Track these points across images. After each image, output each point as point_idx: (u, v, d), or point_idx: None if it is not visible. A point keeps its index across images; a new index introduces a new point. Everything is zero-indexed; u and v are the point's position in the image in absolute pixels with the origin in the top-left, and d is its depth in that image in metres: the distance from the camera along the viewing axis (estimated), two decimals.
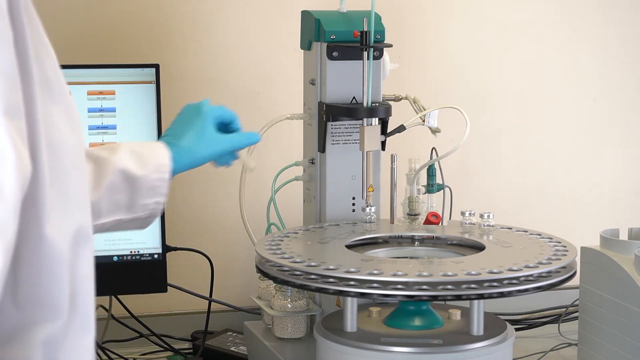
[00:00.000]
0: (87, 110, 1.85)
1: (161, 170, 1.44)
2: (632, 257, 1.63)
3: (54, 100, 0.99)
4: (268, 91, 2.17)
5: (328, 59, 1.76)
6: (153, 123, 1.88)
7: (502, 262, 1.50)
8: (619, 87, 2.39)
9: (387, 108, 1.75)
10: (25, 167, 0.89)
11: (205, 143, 1.49)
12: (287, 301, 1.72)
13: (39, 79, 0.96)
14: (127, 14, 2.08)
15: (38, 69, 0.97)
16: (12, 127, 0.88)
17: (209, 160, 1.50)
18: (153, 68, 1.87)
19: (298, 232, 1.71)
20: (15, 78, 0.90)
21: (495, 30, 2.30)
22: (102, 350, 1.98)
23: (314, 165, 1.81)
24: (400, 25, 2.20)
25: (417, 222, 1.80)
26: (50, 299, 0.98)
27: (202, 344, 1.97)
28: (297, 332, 1.75)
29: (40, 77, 0.97)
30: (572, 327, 1.98)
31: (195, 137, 1.50)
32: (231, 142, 1.50)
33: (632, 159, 2.41)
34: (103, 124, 1.86)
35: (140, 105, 1.87)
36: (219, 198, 2.15)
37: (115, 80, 1.86)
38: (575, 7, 2.34)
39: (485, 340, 1.50)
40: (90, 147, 1.48)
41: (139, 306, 2.04)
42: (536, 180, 2.36)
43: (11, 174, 0.86)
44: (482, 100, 2.30)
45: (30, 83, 0.95)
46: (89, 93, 1.85)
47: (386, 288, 1.41)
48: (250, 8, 2.15)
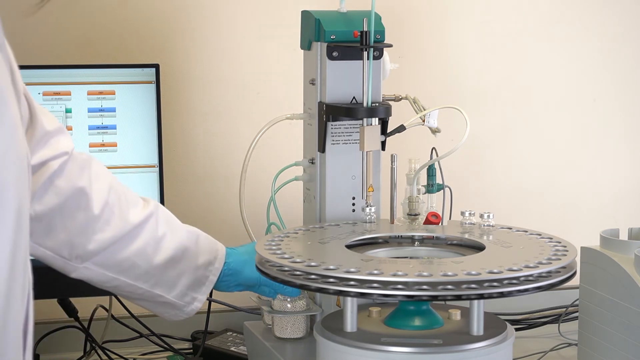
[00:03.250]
0: (87, 110, 1.85)
1: (211, 270, 1.58)
2: (632, 257, 1.63)
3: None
4: (268, 91, 2.17)
5: (328, 59, 1.76)
6: (153, 123, 1.88)
7: (502, 262, 1.50)
8: (619, 87, 2.39)
9: (387, 108, 1.75)
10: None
11: (255, 266, 1.57)
12: (287, 301, 1.72)
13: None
14: (127, 14, 2.08)
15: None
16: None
17: (251, 282, 1.64)
18: (153, 68, 1.87)
19: (298, 232, 1.71)
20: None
21: (495, 30, 2.30)
22: (102, 350, 1.98)
23: (314, 165, 1.81)
24: (400, 25, 2.20)
25: (417, 222, 1.80)
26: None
27: (202, 344, 1.97)
28: (297, 332, 1.74)
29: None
30: (572, 327, 1.98)
31: (246, 258, 1.62)
32: (273, 284, 1.64)
33: (632, 159, 2.41)
34: (103, 124, 1.86)
35: (140, 105, 1.87)
36: (219, 198, 2.15)
37: (115, 80, 1.86)
38: (575, 7, 2.34)
39: (485, 340, 1.50)
40: (167, 210, 1.56)
41: (139, 306, 2.04)
42: (536, 180, 2.36)
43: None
44: (482, 100, 2.30)
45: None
46: (89, 93, 1.85)
47: (386, 288, 1.41)
48: (250, 8, 2.15)
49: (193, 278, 1.56)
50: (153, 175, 1.89)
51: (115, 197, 1.48)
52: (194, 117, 2.15)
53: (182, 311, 1.58)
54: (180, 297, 1.56)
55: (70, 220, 1.44)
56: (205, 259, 1.58)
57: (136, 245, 1.49)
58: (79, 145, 1.85)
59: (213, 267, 1.58)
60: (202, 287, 1.58)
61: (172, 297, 1.55)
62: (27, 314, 1.05)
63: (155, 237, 1.51)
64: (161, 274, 1.53)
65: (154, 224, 1.52)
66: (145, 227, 1.50)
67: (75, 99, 1.84)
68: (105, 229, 1.46)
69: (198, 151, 2.15)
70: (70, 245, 1.45)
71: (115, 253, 1.48)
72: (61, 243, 1.45)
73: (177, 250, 1.54)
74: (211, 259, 1.58)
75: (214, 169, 2.17)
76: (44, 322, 2.02)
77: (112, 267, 1.49)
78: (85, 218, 1.45)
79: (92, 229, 1.46)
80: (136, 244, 1.49)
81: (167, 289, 1.55)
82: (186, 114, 2.14)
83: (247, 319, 1.99)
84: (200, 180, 2.16)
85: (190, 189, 2.15)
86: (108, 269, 1.49)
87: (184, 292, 1.56)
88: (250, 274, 1.62)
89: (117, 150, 1.87)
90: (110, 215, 1.47)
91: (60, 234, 1.44)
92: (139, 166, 1.88)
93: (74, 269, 1.48)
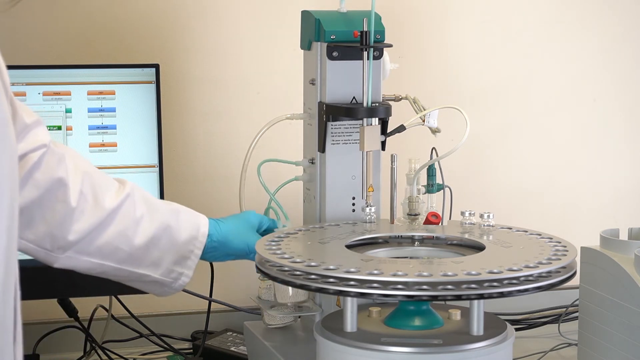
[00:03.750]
0: (87, 110, 1.85)
1: (195, 244, 1.59)
2: (632, 257, 1.63)
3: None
4: (268, 91, 2.17)
5: (328, 59, 1.76)
6: (153, 123, 1.88)
7: (502, 262, 1.50)
8: (619, 87, 2.39)
9: (387, 108, 1.75)
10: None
11: (242, 236, 1.63)
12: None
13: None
14: (127, 14, 2.08)
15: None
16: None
17: (240, 252, 1.65)
18: (153, 68, 1.87)
19: (298, 232, 1.71)
20: None
21: (495, 30, 2.30)
22: (102, 350, 1.98)
23: (314, 165, 1.81)
24: (400, 25, 2.20)
25: (417, 222, 1.80)
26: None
27: (202, 344, 1.97)
28: (286, 319, 1.75)
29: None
30: (572, 327, 1.98)
31: (234, 228, 1.64)
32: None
33: (632, 159, 2.41)
34: (103, 124, 1.86)
35: (140, 105, 1.87)
36: (219, 198, 2.15)
37: (115, 80, 1.86)
38: (575, 7, 2.34)
39: (485, 340, 1.50)
40: (142, 188, 1.56)
41: (139, 306, 2.04)
42: (536, 180, 2.36)
43: None
44: (482, 100, 2.30)
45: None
46: (89, 93, 1.85)
47: (386, 288, 1.41)
48: (250, 8, 2.15)
49: (177, 254, 1.57)
50: (153, 175, 1.89)
51: (89, 184, 1.49)
52: (194, 117, 2.15)
53: (170, 287, 1.58)
54: (167, 274, 1.56)
55: (49, 212, 1.45)
56: (188, 235, 1.58)
57: (114, 229, 1.50)
58: (79, 145, 1.85)
59: (197, 241, 1.58)
60: (187, 261, 1.58)
61: (159, 275, 1.56)
62: (16, 305, 1.06)
63: (133, 218, 1.52)
64: (144, 254, 1.53)
65: (131, 206, 1.52)
66: (121, 211, 1.51)
67: (75, 99, 1.84)
68: (82, 219, 1.47)
69: (198, 151, 2.16)
70: (51, 237, 1.46)
71: (94, 239, 1.48)
72: (42, 235, 1.46)
73: (158, 229, 1.54)
74: (194, 233, 1.58)
75: (214, 169, 2.17)
76: (44, 322, 2.03)
77: (94, 253, 1.49)
78: (63, 209, 1.45)
79: (70, 220, 1.46)
80: (114, 228, 1.50)
81: (152, 268, 1.55)
82: (186, 114, 2.14)
83: (247, 319, 1.99)
84: (200, 180, 2.16)
85: (190, 189, 2.15)
86: (90, 255, 1.50)
87: (170, 269, 1.56)
88: (237, 244, 1.63)
89: (117, 150, 1.87)
90: (84, 204, 1.47)
91: (40, 226, 1.45)
92: (139, 166, 1.88)
93: (56, 260, 1.48)
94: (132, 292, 1.92)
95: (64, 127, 1.84)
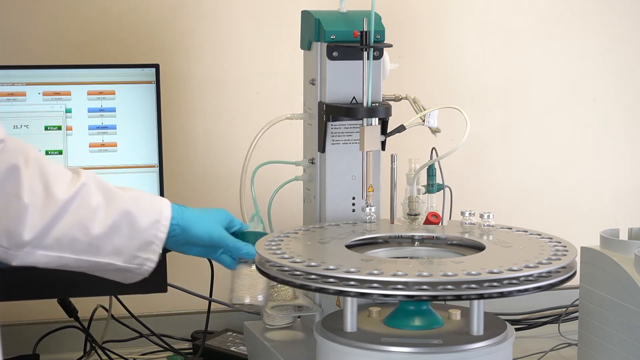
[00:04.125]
0: (87, 110, 1.85)
1: (159, 227, 1.54)
2: (632, 257, 1.63)
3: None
4: (268, 91, 2.17)
5: (328, 59, 1.76)
6: (153, 123, 1.88)
7: (502, 262, 1.50)
8: (619, 87, 2.39)
9: (387, 108, 1.75)
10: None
11: (205, 224, 1.58)
12: (247, 263, 1.65)
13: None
14: (128, 14, 2.08)
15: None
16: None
17: (201, 241, 1.59)
18: (153, 68, 1.87)
19: (298, 232, 1.71)
20: None
21: (495, 30, 2.30)
22: (102, 350, 1.98)
23: (314, 165, 1.81)
24: (400, 25, 2.20)
25: (417, 222, 1.80)
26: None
27: (202, 344, 1.97)
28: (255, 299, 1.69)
29: None
30: (572, 327, 1.98)
31: (198, 216, 1.59)
32: (229, 241, 1.60)
33: (632, 159, 2.41)
34: (103, 124, 1.86)
35: (140, 105, 1.87)
36: (219, 198, 2.15)
37: (115, 80, 1.86)
38: (575, 7, 2.34)
39: (485, 340, 1.50)
40: (100, 177, 1.52)
41: (139, 306, 2.04)
42: (536, 180, 2.36)
43: None
44: (482, 100, 2.30)
45: None
46: (89, 93, 1.85)
47: (386, 288, 1.41)
48: (250, 8, 2.15)
49: (141, 240, 1.53)
50: (153, 175, 1.89)
51: (41, 176, 1.46)
52: (194, 117, 2.15)
53: (135, 274, 1.55)
54: (131, 260, 1.53)
55: (3, 207, 1.43)
56: (150, 219, 1.54)
57: (70, 220, 1.47)
58: (79, 145, 1.85)
59: (160, 224, 1.54)
60: (152, 246, 1.54)
61: (122, 262, 1.52)
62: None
63: (89, 208, 1.48)
64: (105, 243, 1.50)
65: (87, 195, 1.49)
66: (76, 201, 1.47)
67: (75, 99, 1.84)
68: (35, 214, 1.44)
69: (198, 151, 2.16)
70: (8, 234, 1.44)
71: (50, 232, 1.46)
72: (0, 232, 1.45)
73: (117, 216, 1.51)
74: (157, 217, 1.54)
75: (214, 169, 2.17)
76: (44, 322, 2.03)
77: (52, 246, 1.47)
78: (16, 204, 1.43)
79: (24, 216, 1.44)
80: (70, 219, 1.47)
81: (115, 257, 1.52)
82: (186, 114, 2.14)
83: (247, 319, 1.99)
84: (201, 180, 2.16)
85: (190, 189, 2.15)
86: (48, 249, 1.47)
87: (133, 255, 1.53)
88: (199, 231, 1.58)
89: (117, 150, 1.87)
90: (36, 199, 1.45)
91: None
92: (139, 166, 1.88)
93: (14, 257, 1.46)
94: (132, 292, 1.93)
95: (64, 127, 1.84)
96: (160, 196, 1.59)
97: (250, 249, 1.61)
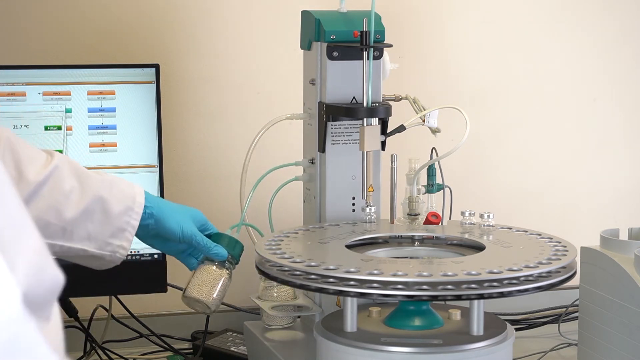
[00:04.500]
0: (87, 110, 1.85)
1: (131, 215, 1.52)
2: (632, 257, 1.63)
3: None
4: (268, 91, 2.17)
5: (328, 59, 1.76)
6: (153, 123, 1.88)
7: (502, 262, 1.50)
8: (619, 87, 2.39)
9: (387, 108, 1.75)
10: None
11: (178, 218, 1.56)
12: (215, 264, 1.63)
13: None
14: (128, 14, 2.08)
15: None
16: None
17: (172, 234, 1.57)
18: (153, 68, 1.87)
19: (298, 232, 1.71)
20: None
21: (495, 30, 2.30)
22: (102, 350, 1.98)
23: (314, 165, 1.81)
24: (400, 25, 2.20)
25: (417, 222, 1.80)
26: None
27: (202, 344, 1.97)
28: (209, 295, 1.66)
29: None
30: (572, 327, 1.98)
31: (172, 209, 1.57)
32: (200, 238, 1.59)
33: (632, 159, 2.41)
34: (103, 124, 1.86)
35: (140, 105, 1.87)
36: (219, 198, 2.15)
37: (115, 80, 1.86)
38: (576, 7, 2.34)
39: (485, 340, 1.50)
40: (74, 160, 1.50)
41: (139, 306, 2.04)
42: (536, 180, 2.36)
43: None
44: (482, 100, 2.30)
45: None
46: (89, 93, 1.85)
47: (386, 288, 1.41)
48: (250, 8, 2.15)
49: (113, 227, 1.51)
50: (153, 175, 1.89)
51: (10, 157, 1.43)
52: (194, 117, 2.15)
53: (108, 261, 1.52)
54: (103, 247, 1.50)
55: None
56: (123, 206, 1.51)
57: (42, 203, 1.44)
58: (79, 145, 1.85)
59: (133, 212, 1.52)
60: (124, 233, 1.51)
61: (94, 249, 1.50)
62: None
63: (62, 191, 1.46)
64: (77, 228, 1.48)
65: (59, 178, 1.46)
66: (48, 184, 1.45)
67: (75, 99, 1.84)
68: None
69: (198, 151, 2.15)
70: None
71: None
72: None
73: (90, 201, 1.48)
74: (129, 204, 1.52)
75: (214, 169, 2.17)
76: None
77: None
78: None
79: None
80: (42, 202, 1.44)
81: (87, 242, 1.49)
82: (186, 114, 2.14)
83: (247, 319, 1.99)
84: (201, 179, 2.16)
85: (190, 189, 2.15)
86: None
87: (105, 241, 1.50)
88: (171, 223, 1.55)
89: (117, 150, 1.87)
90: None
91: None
92: (139, 166, 1.88)
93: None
94: (132, 292, 1.93)
95: (64, 127, 1.84)
96: (134, 183, 1.55)
97: (220, 250, 1.60)
